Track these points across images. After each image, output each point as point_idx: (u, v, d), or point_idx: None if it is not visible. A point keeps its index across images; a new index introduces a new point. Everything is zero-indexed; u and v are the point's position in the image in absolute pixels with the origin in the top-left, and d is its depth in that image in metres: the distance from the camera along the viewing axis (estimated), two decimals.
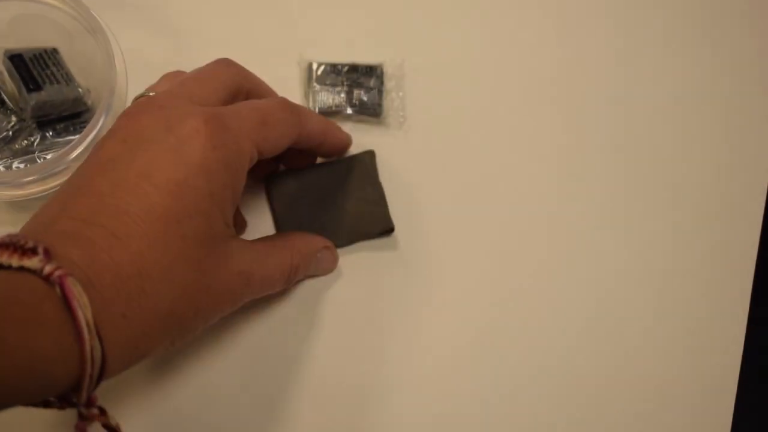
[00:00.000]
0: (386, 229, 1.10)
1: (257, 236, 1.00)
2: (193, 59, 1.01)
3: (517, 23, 1.16)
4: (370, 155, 1.14)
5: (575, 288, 1.08)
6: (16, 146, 1.03)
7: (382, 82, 1.18)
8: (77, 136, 0.97)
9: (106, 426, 0.75)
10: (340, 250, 1.08)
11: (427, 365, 1.01)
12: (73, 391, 0.68)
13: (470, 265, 1.07)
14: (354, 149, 1.13)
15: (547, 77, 1.18)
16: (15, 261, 0.66)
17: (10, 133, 1.03)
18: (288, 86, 1.14)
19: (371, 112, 1.17)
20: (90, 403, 0.69)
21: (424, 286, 1.07)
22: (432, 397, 1.01)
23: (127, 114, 0.82)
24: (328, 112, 1.16)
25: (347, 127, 1.13)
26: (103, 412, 0.71)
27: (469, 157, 1.13)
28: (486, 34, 1.22)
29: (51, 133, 1.05)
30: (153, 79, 0.98)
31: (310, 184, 1.11)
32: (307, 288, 1.03)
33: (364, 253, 1.07)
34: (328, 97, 1.17)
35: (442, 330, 1.05)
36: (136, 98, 0.93)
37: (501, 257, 1.06)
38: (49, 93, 1.00)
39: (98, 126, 0.96)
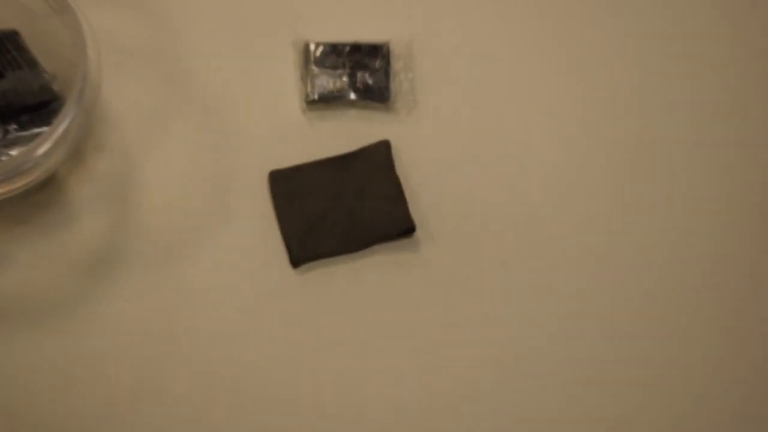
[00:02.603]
0: (407, 228, 1.04)
1: (260, 237, 1.01)
2: (175, 41, 0.98)
3: None
4: (384, 146, 1.07)
5: (616, 292, 1.06)
6: None
7: (388, 63, 1.11)
8: (45, 129, 0.94)
9: None
10: (353, 256, 1.04)
11: (451, 393, 1.01)
12: None
13: (502, 269, 1.05)
14: (360, 138, 1.08)
15: (572, 56, 1.15)
16: None
17: None
18: (281, 70, 1.09)
19: (378, 96, 1.10)
20: None
21: (451, 294, 1.04)
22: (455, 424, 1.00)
23: None
24: (329, 98, 1.08)
25: (351, 115, 1.08)
26: None
27: (490, 143, 1.10)
28: (504, 6, 1.16)
29: (15, 127, 1.01)
30: (131, 63, 0.95)
31: (316, 181, 1.05)
32: (319, 299, 1.02)
33: (381, 258, 1.05)
34: (329, 81, 1.10)
35: (469, 347, 1.03)
36: None
37: (534, 259, 1.05)
38: (10, 81, 0.98)
39: (69, 116, 0.92)
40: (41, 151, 0.92)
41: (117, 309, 1.03)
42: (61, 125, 0.93)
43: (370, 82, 1.10)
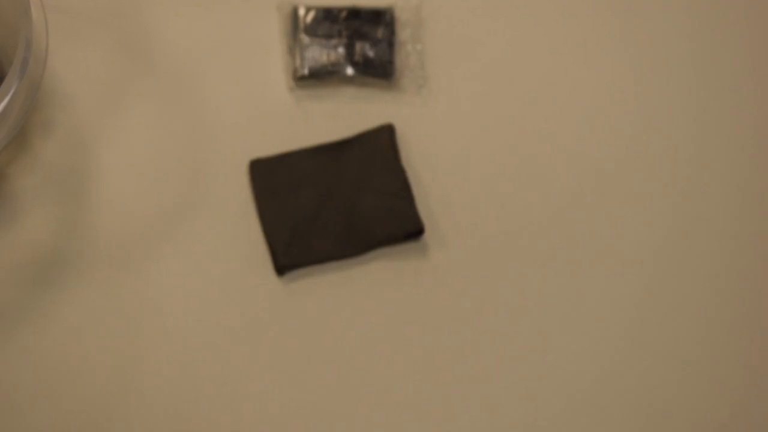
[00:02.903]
0: (414, 230, 1.01)
1: (239, 239, 1.01)
2: (137, 2, 1.00)
3: None
4: (387, 131, 1.04)
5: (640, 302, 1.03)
6: None
7: (393, 32, 1.07)
8: None
9: None
10: (349, 262, 1.02)
11: (462, 424, 0.98)
12: None
13: (524, 279, 1.03)
14: (359, 122, 1.05)
15: (618, 25, 1.13)
16: None
17: None
18: (264, 39, 1.08)
19: (380, 72, 1.06)
20: None
21: (462, 305, 1.01)
22: None
23: None
24: (322, 73, 1.05)
25: (347, 93, 1.06)
26: None
27: (513, 129, 1.07)
28: None
29: None
30: (83, 23, 0.97)
31: (306, 172, 1.03)
32: (307, 313, 1.00)
33: (385, 263, 1.02)
34: (321, 53, 1.06)
35: (483, 370, 1.00)
36: None
37: (562, 268, 1.03)
38: None
39: (10, 92, 0.89)
40: None
41: (67, 322, 0.98)
42: (1, 103, 0.88)
43: (370, 54, 1.06)
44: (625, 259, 1.04)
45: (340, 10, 1.07)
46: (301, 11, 1.07)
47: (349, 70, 1.06)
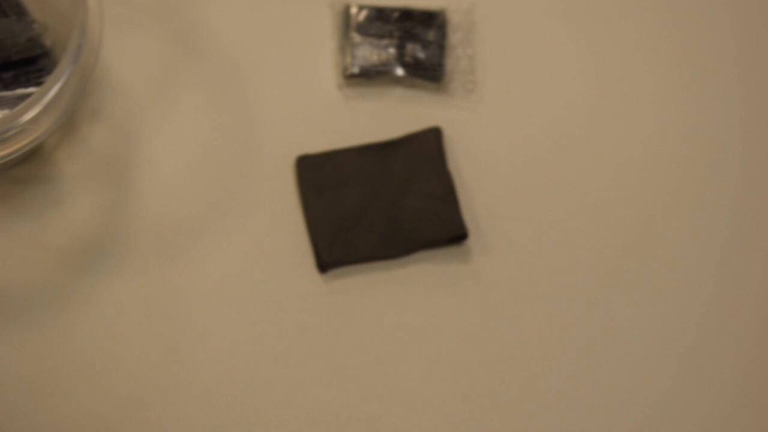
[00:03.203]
0: (458, 235, 1.00)
1: (282, 234, 1.01)
2: None
3: None
4: (434, 134, 1.03)
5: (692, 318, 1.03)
6: None
7: (444, 35, 1.06)
8: (32, 89, 0.93)
9: None
10: (391, 263, 1.01)
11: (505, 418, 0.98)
12: None
13: (570, 290, 1.02)
14: (406, 123, 1.04)
15: (680, 34, 1.12)
16: None
17: None
18: (316, 36, 1.07)
19: (429, 74, 1.05)
20: None
21: (504, 311, 1.01)
22: None
23: None
24: (372, 73, 1.05)
25: (396, 94, 1.05)
26: None
27: (562, 137, 1.06)
28: None
29: None
30: (137, 13, 0.97)
31: (352, 171, 1.02)
32: (348, 312, 1.00)
33: (427, 266, 1.01)
34: (372, 53, 1.05)
35: (525, 380, 1.00)
36: None
37: (611, 279, 1.03)
38: None
39: (64, 77, 0.88)
40: (28, 116, 0.87)
41: (108, 308, 0.98)
42: (54, 87, 0.88)
43: (421, 56, 1.05)
44: (675, 269, 1.03)
45: (392, 10, 1.06)
46: (354, 10, 1.06)
47: (399, 71, 1.05)
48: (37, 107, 0.87)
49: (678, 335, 1.02)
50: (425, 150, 1.03)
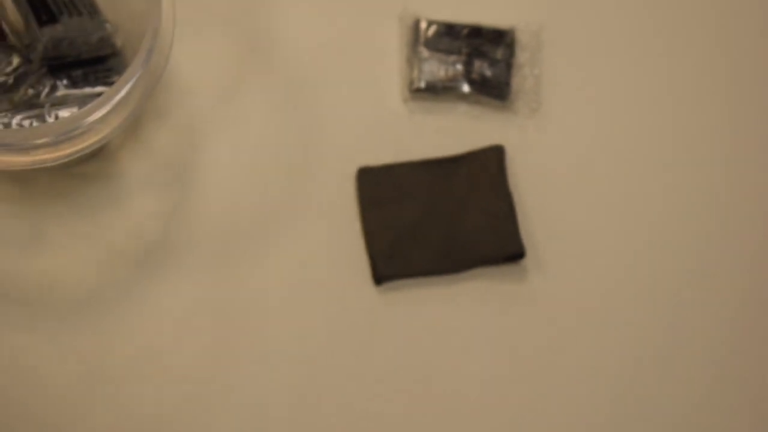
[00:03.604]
0: (515, 253, 1.00)
1: (340, 244, 1.01)
2: (263, 2, 1.02)
3: None
4: (497, 152, 1.03)
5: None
6: (18, 96, 0.97)
7: (512, 54, 1.06)
8: (101, 89, 0.94)
9: None
10: (447, 279, 1.01)
11: None
12: None
13: (620, 312, 1.02)
14: (470, 140, 1.04)
15: (748, 60, 1.11)
16: None
17: (11, 78, 0.97)
18: (384, 48, 1.07)
19: (496, 93, 1.05)
20: None
21: (558, 333, 1.00)
22: None
23: None
24: (438, 88, 1.04)
25: (460, 110, 1.05)
26: None
27: (624, 161, 1.06)
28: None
29: (65, 82, 0.98)
30: (208, 17, 0.98)
31: (413, 185, 1.02)
32: (403, 324, 1.00)
33: (483, 283, 1.01)
34: (439, 68, 1.05)
35: (580, 403, 0.99)
36: None
37: (669, 301, 1.02)
38: (66, 28, 0.95)
39: (134, 78, 0.88)
40: (96, 116, 0.88)
41: (164, 308, 0.99)
42: (123, 87, 0.89)
43: (488, 74, 1.05)
44: (737, 292, 1.03)
45: (462, 26, 1.06)
46: (423, 24, 1.06)
47: (465, 88, 1.05)
48: (105, 107, 0.88)
49: (738, 357, 1.01)
50: (487, 168, 1.02)
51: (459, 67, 1.05)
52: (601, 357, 1.00)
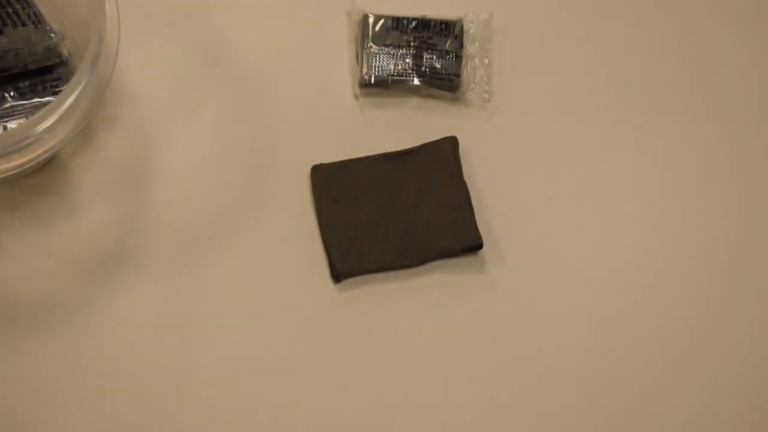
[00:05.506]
0: (472, 245, 1.00)
1: (297, 243, 1.00)
2: (208, 3, 1.00)
3: None
4: (451, 144, 1.02)
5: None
6: None
7: (461, 45, 1.05)
8: (49, 99, 0.94)
9: None
10: (408, 272, 1.00)
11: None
12: None
13: (579, 296, 1.02)
14: (422, 133, 1.04)
15: (709, 50, 1.12)
16: None
17: None
18: (333, 45, 1.06)
19: (446, 84, 1.04)
20: None
21: (519, 321, 1.00)
22: None
23: None
24: (388, 82, 1.04)
25: (412, 104, 1.05)
26: None
27: (578, 150, 1.06)
28: None
29: (12, 94, 0.97)
30: (154, 22, 0.96)
31: (368, 180, 1.01)
32: (363, 321, 0.99)
33: (442, 276, 1.00)
34: (389, 62, 1.04)
35: (540, 390, 0.99)
36: None
37: (625, 290, 1.02)
38: (11, 39, 0.94)
39: (80, 86, 0.88)
40: (45, 125, 0.86)
41: (123, 316, 0.98)
42: (70, 96, 0.87)
43: (437, 65, 1.04)
44: (692, 279, 1.03)
45: (409, 20, 1.05)
46: (371, 19, 1.05)
47: (416, 80, 1.04)
48: (53, 116, 0.87)
49: (690, 344, 1.02)
50: (441, 160, 1.02)
51: (408, 60, 1.04)
52: (561, 343, 1.00)
